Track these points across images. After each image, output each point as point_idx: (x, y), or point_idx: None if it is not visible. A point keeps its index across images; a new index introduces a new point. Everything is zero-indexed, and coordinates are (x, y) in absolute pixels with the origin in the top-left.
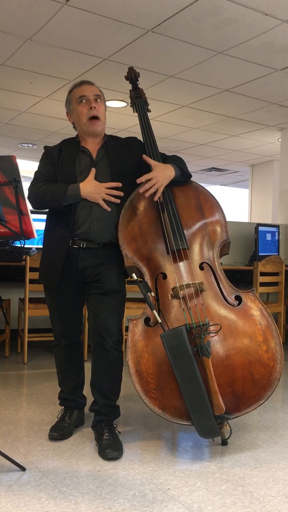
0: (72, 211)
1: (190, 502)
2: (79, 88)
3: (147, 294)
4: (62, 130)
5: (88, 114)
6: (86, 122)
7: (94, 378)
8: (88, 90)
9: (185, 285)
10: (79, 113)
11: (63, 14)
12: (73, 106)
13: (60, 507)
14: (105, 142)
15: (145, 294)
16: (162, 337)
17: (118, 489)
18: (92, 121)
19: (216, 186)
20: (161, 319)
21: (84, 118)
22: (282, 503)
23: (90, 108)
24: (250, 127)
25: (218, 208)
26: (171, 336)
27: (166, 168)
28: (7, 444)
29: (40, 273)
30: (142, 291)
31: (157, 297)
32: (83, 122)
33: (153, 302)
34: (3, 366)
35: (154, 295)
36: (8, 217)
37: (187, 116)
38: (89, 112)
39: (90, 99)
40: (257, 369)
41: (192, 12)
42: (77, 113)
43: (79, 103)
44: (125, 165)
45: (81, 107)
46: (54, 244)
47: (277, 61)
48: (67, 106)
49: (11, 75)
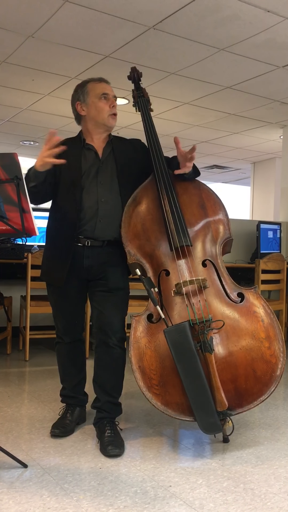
0: (77, 207)
1: (191, 499)
2: (99, 84)
3: (151, 290)
4: (63, 127)
5: (111, 111)
6: (107, 117)
7: (97, 375)
8: (109, 89)
9: (188, 281)
10: (99, 108)
11: (65, 11)
12: (92, 99)
13: (61, 504)
14: (111, 140)
15: (149, 290)
16: (166, 332)
17: (119, 486)
18: (112, 116)
19: (218, 184)
20: (164, 315)
21: (106, 114)
22: (283, 500)
23: (112, 106)
24: (252, 125)
25: (221, 206)
26: (174, 332)
27: None
28: (9, 441)
29: (43, 272)
30: (146, 287)
31: (160, 294)
32: (103, 116)
33: (156, 298)
34: (5, 363)
35: (157, 291)
36: (9, 215)
37: (188, 113)
38: (111, 109)
39: (111, 98)
40: (259, 366)
41: (194, 9)
42: (96, 107)
43: (100, 99)
44: (130, 163)
45: (102, 103)
46: (60, 243)
47: (279, 58)
48: (81, 97)
49: (12, 72)
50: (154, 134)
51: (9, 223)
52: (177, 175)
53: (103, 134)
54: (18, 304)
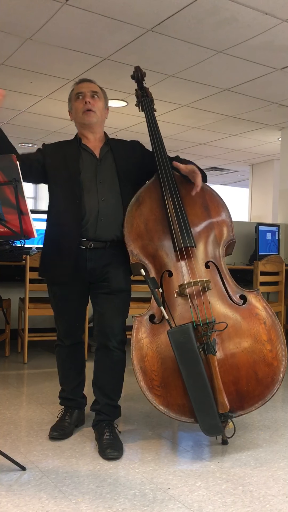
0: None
1: (190, 502)
2: (77, 86)
3: (155, 290)
4: (62, 129)
5: (83, 108)
6: (81, 115)
7: (97, 377)
8: (85, 87)
9: (192, 282)
10: (75, 109)
11: (63, 13)
12: (72, 103)
13: (60, 507)
14: (108, 141)
15: (153, 290)
16: (169, 333)
17: (118, 489)
18: (86, 113)
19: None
20: (168, 315)
21: (80, 112)
22: (282, 503)
23: (85, 103)
24: (250, 127)
25: (224, 207)
26: (178, 333)
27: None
28: (8, 443)
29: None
30: (150, 287)
31: (163, 295)
32: (79, 116)
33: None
34: (3, 365)
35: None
36: (8, 217)
37: (187, 115)
38: (84, 106)
39: (86, 95)
40: (261, 368)
41: (192, 11)
42: (74, 109)
43: (76, 100)
44: (129, 163)
45: (77, 103)
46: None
47: (277, 61)
48: (69, 105)
49: (11, 74)
50: (158, 134)
51: (8, 225)
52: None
53: (93, 133)
54: (16, 306)
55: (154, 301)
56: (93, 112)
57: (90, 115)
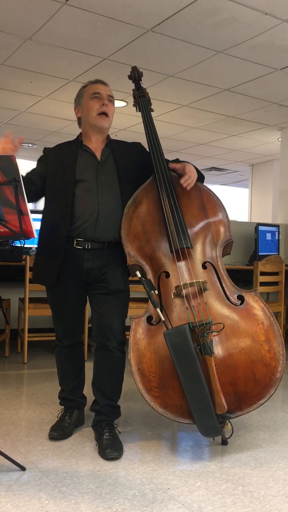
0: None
1: (190, 502)
2: (94, 85)
3: (151, 292)
4: (62, 129)
5: (99, 110)
6: (95, 116)
7: (96, 378)
8: (103, 89)
9: (188, 283)
10: (89, 107)
11: (63, 13)
12: (84, 100)
13: (60, 507)
14: (109, 142)
15: (149, 291)
16: (166, 335)
17: (118, 489)
18: (101, 116)
19: (216, 186)
20: (164, 317)
21: (94, 113)
22: (282, 503)
23: (102, 104)
24: (250, 127)
25: (221, 208)
26: (174, 334)
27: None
28: (7, 443)
29: (34, 275)
30: (146, 289)
31: (160, 296)
32: (92, 116)
33: (157, 300)
34: (3, 366)
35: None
36: (8, 217)
37: (187, 115)
38: (100, 107)
39: (103, 97)
40: (259, 369)
41: (192, 11)
42: (87, 107)
43: (92, 99)
44: (130, 165)
45: (93, 102)
46: (50, 243)
47: (277, 61)
48: (77, 100)
49: (11, 74)
50: (155, 135)
51: (7, 226)
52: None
53: (99, 135)
54: (16, 307)
55: (151, 303)
56: (108, 118)
57: (105, 120)
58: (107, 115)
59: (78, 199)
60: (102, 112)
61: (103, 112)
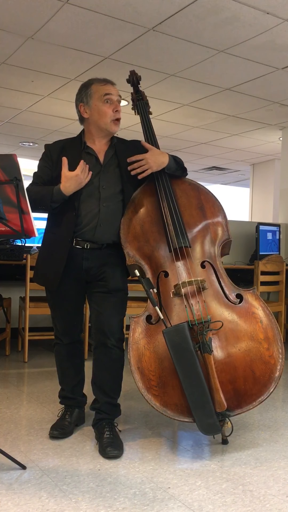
0: (75, 212)
1: (190, 501)
2: (104, 86)
3: (150, 291)
4: (63, 128)
5: (113, 116)
6: (110, 122)
7: (96, 376)
8: (114, 92)
9: (187, 282)
10: (102, 112)
11: (64, 12)
12: (95, 102)
13: (60, 506)
14: (114, 144)
15: (148, 290)
16: (165, 333)
17: (118, 488)
18: (115, 122)
19: (217, 185)
20: (163, 316)
21: (108, 119)
22: (282, 502)
23: (116, 110)
24: (251, 126)
25: (219, 207)
26: (173, 332)
27: (161, 154)
28: (8, 442)
29: (36, 275)
30: (145, 288)
31: (159, 295)
32: (105, 121)
33: (156, 299)
34: (4, 364)
35: (156, 292)
36: (9, 216)
37: (188, 115)
38: (114, 114)
39: (115, 101)
40: (258, 367)
41: (193, 10)
42: (99, 111)
43: (104, 102)
44: None
45: (106, 107)
46: (56, 246)
47: (278, 60)
48: (85, 99)
49: (12, 73)
50: (153, 137)
51: (8, 224)
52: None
53: (105, 137)
54: (17, 305)
55: (150, 301)
56: (119, 122)
57: (118, 125)
58: (119, 120)
59: (80, 203)
60: (117, 119)
61: (117, 119)
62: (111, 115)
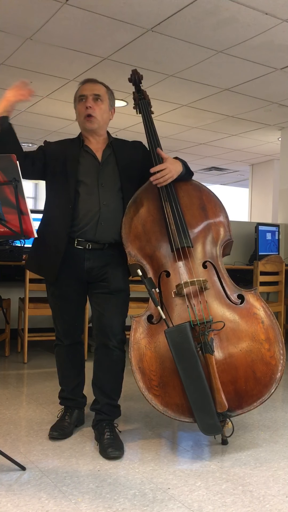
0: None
1: (190, 502)
2: (81, 87)
3: (152, 291)
4: (62, 129)
5: (84, 113)
6: (83, 120)
7: (96, 377)
8: (88, 89)
9: (189, 282)
10: (78, 112)
11: (63, 13)
12: (75, 104)
13: (60, 507)
14: (111, 143)
15: (150, 290)
16: (166, 333)
17: (118, 489)
18: (87, 118)
19: (216, 186)
20: (165, 315)
21: (81, 117)
22: (282, 503)
23: (86, 108)
24: (250, 127)
25: (221, 208)
26: (175, 332)
27: (176, 162)
28: (7, 443)
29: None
30: (147, 287)
31: (161, 295)
32: (80, 120)
33: (157, 298)
34: (3, 365)
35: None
36: (8, 217)
37: (187, 115)
38: (86, 110)
39: (88, 99)
40: (259, 367)
41: (192, 11)
42: (77, 112)
43: (79, 102)
44: (132, 165)
45: (80, 106)
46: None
47: (277, 60)
48: (74, 105)
49: (11, 74)
50: (155, 136)
51: (7, 225)
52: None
53: (96, 136)
54: (16, 306)
55: (151, 301)
56: (94, 118)
57: (91, 121)
58: (93, 116)
59: (79, 201)
60: (87, 115)
61: (88, 114)
62: (83, 112)
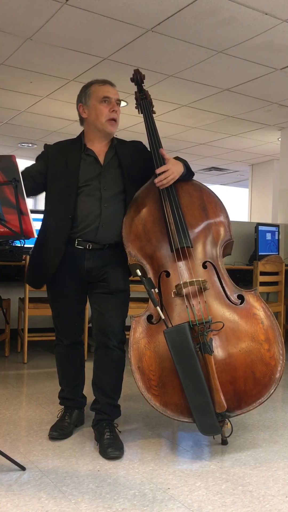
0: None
1: (190, 502)
2: (102, 87)
3: (151, 291)
4: (61, 129)
5: (109, 116)
6: (105, 122)
7: (96, 377)
8: (112, 92)
9: (188, 282)
10: (98, 112)
11: (63, 13)
12: (93, 102)
13: (60, 507)
14: (114, 145)
15: (149, 290)
16: (165, 333)
17: (118, 489)
18: (111, 122)
19: (216, 186)
20: (164, 316)
21: (103, 118)
22: (282, 503)
23: (112, 110)
24: (250, 127)
25: (222, 208)
26: (174, 333)
27: (178, 163)
28: (7, 443)
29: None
30: (146, 288)
31: (160, 295)
32: (100, 121)
33: (157, 299)
34: (3, 365)
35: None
36: (8, 217)
37: (187, 115)
38: (110, 113)
39: (113, 102)
40: (258, 368)
41: (192, 11)
42: (96, 110)
43: (101, 102)
44: (134, 167)
45: (102, 106)
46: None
47: (277, 61)
48: (83, 99)
49: (10, 74)
50: (157, 136)
51: (7, 225)
52: None
53: (105, 139)
54: (16, 306)
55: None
56: (117, 123)
57: (114, 126)
58: (116, 121)
59: (80, 203)
60: (112, 119)
61: (113, 119)
62: (107, 114)
